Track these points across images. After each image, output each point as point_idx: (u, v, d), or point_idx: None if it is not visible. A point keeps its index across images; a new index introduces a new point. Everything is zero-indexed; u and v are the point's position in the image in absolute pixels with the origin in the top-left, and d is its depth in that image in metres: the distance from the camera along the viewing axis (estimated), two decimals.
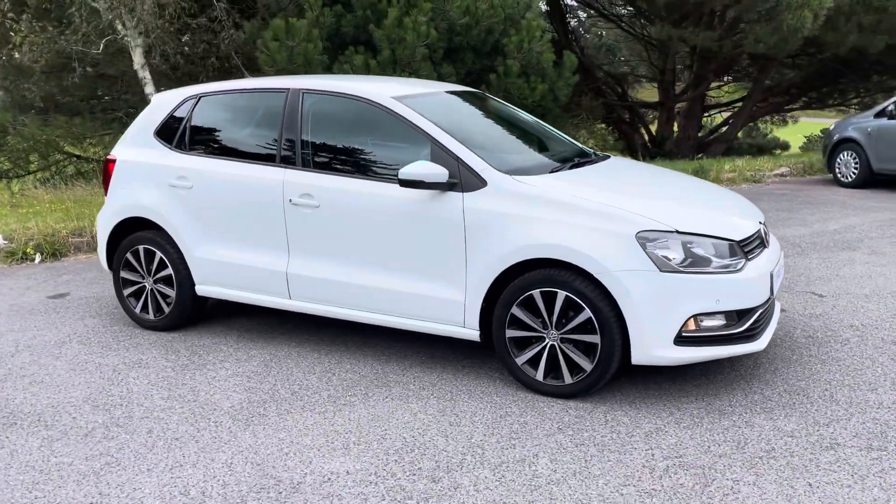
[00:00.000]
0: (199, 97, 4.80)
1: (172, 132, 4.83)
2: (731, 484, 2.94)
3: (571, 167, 4.30)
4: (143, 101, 12.20)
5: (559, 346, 3.71)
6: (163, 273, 4.82)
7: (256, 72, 10.55)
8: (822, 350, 4.30)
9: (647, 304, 3.50)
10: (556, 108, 11.64)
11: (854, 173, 10.56)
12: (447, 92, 4.84)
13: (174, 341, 4.72)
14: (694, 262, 3.55)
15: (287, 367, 4.26)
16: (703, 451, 3.21)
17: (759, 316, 3.71)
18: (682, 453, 3.19)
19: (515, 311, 3.77)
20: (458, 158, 3.91)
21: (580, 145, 5.02)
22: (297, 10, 10.75)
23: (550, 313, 3.69)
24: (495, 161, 3.96)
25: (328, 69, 10.30)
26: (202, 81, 12.77)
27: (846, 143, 10.72)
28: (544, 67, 11.33)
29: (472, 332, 3.94)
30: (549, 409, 3.65)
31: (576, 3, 19.15)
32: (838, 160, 10.84)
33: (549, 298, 3.68)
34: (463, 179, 3.88)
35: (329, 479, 3.06)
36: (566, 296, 3.63)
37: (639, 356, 3.57)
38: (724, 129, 18.61)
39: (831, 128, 11.60)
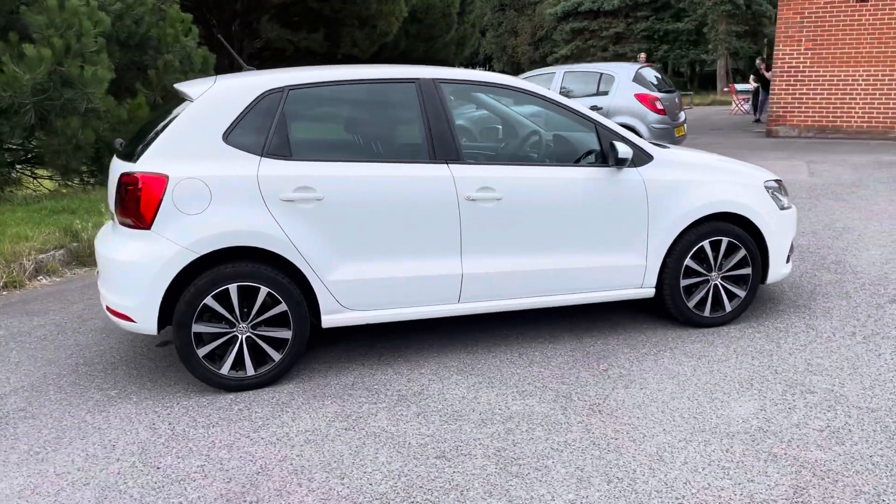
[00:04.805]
0: (285, 90, 3.89)
1: (256, 135, 3.81)
2: None
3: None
4: None
5: (720, 284, 4.59)
6: (269, 314, 3.83)
7: None
8: None
9: (779, 236, 4.66)
10: None
11: None
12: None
13: (305, 388, 3.86)
14: (779, 202, 4.84)
15: (492, 369, 4.04)
16: (867, 329, 4.52)
17: None
18: (856, 333, 4.49)
19: (689, 262, 4.48)
20: (623, 139, 4.35)
21: None
22: None
23: (716, 258, 4.53)
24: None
25: None
26: None
27: None
28: (194, 63, 10.64)
29: (649, 291, 4.47)
30: (751, 339, 4.47)
31: None
32: None
33: (714, 246, 4.52)
34: (634, 156, 4.35)
35: (747, 418, 3.42)
36: (728, 241, 4.52)
37: (772, 276, 4.71)
38: None
39: None
